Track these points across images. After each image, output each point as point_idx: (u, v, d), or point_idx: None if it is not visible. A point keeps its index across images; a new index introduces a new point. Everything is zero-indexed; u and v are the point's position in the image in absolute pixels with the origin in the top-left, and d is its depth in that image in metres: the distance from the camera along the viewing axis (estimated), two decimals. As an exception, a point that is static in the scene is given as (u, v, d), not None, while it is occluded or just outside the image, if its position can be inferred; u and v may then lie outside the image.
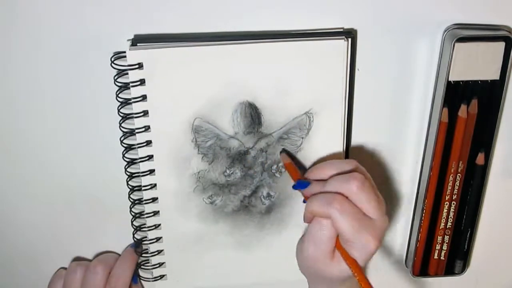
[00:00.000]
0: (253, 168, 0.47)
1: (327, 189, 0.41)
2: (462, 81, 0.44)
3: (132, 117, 0.44)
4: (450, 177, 0.48)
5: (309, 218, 0.42)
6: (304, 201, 0.43)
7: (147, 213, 0.48)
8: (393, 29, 0.44)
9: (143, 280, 0.52)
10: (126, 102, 0.44)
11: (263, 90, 0.44)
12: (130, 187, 0.47)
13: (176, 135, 0.45)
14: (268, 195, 0.48)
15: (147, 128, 0.44)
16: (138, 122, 0.44)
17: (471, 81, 0.44)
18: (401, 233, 0.53)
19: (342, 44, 0.43)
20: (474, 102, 0.45)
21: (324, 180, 0.42)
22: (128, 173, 0.46)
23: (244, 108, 0.45)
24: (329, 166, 0.43)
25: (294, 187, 0.44)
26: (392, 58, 0.45)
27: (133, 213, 0.48)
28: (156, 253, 0.50)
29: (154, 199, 0.47)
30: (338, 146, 0.47)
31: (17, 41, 0.43)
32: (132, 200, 0.48)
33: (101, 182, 0.49)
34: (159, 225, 0.49)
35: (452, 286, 0.55)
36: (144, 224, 0.49)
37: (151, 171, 0.46)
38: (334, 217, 0.39)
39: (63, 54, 0.43)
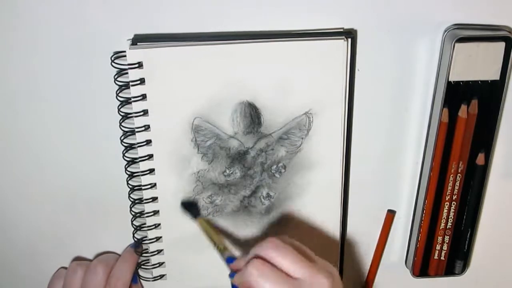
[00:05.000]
0: (252, 168, 0.47)
1: (248, 258, 0.39)
2: (462, 81, 0.44)
3: (132, 116, 0.44)
4: (450, 177, 0.48)
5: None
6: (231, 275, 0.42)
7: (147, 213, 0.48)
8: (393, 29, 0.44)
9: (143, 279, 0.52)
10: (126, 101, 0.44)
11: (262, 90, 0.44)
12: (130, 186, 0.47)
13: (175, 134, 0.45)
14: (268, 195, 0.48)
15: (147, 128, 0.45)
16: (138, 121, 0.44)
17: (471, 81, 0.44)
18: (401, 233, 0.53)
19: (342, 44, 0.43)
20: (474, 103, 0.45)
21: None
22: (128, 173, 0.46)
23: (243, 108, 0.45)
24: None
25: (226, 261, 0.43)
26: (392, 58, 0.45)
27: (133, 213, 0.48)
28: (156, 252, 0.50)
29: (154, 199, 0.47)
30: (338, 146, 0.47)
31: (17, 41, 0.43)
32: (132, 200, 0.48)
33: (101, 182, 0.49)
34: (159, 224, 0.49)
35: (452, 286, 0.55)
36: (144, 223, 0.49)
37: (151, 171, 0.46)
38: (253, 282, 0.37)
39: (63, 54, 0.44)
